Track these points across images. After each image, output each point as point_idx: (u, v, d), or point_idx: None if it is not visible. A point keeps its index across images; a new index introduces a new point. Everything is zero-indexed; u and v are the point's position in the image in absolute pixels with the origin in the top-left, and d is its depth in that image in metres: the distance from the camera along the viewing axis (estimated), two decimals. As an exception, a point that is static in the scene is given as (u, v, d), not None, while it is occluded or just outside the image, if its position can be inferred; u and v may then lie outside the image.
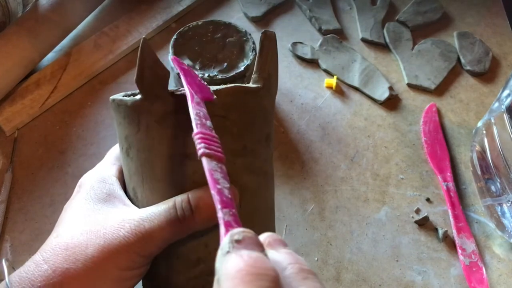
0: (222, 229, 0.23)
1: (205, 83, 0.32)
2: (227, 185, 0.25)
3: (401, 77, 0.70)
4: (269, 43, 0.34)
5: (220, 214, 0.23)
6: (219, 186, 0.24)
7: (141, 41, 0.32)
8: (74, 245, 0.29)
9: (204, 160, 0.25)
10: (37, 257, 0.30)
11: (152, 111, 0.32)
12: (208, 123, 0.28)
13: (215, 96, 0.31)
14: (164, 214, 0.29)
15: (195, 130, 0.27)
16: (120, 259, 0.28)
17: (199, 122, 0.27)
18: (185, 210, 0.29)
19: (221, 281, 0.20)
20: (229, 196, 0.24)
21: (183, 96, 0.31)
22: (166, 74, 0.33)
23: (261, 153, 0.33)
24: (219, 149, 0.26)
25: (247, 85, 0.32)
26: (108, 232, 0.29)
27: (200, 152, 0.26)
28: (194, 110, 0.28)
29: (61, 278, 0.28)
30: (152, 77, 0.32)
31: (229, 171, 0.28)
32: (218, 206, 0.23)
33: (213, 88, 0.32)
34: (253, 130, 0.32)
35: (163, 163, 0.32)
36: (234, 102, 0.32)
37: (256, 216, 0.34)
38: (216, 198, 0.24)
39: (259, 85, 0.33)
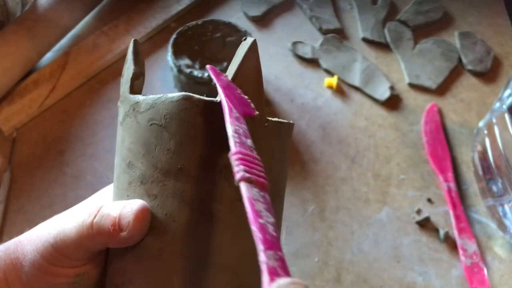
0: (265, 277, 0.18)
1: (246, 97, 0.27)
2: (272, 219, 0.20)
3: (402, 76, 0.70)
4: (245, 52, 0.28)
5: (263, 258, 0.18)
6: (261, 221, 0.20)
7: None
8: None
9: (243, 186, 0.21)
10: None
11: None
12: (249, 142, 0.24)
13: (257, 112, 0.27)
14: (83, 216, 0.28)
15: (233, 149, 0.22)
16: (46, 253, 0.29)
17: (238, 140, 0.23)
18: (95, 216, 0.27)
19: None
20: (274, 233, 0.20)
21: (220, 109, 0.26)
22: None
23: (206, 183, 0.26)
24: (262, 174, 0.22)
25: (199, 96, 0.27)
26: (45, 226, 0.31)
27: (238, 176, 0.21)
28: (232, 127, 0.24)
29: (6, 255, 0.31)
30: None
31: (157, 192, 0.26)
32: (261, 247, 0.19)
33: (158, 95, 0.28)
34: (196, 151, 0.26)
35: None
36: (176, 111, 0.27)
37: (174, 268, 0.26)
38: (257, 236, 0.19)
39: (215, 99, 0.27)
